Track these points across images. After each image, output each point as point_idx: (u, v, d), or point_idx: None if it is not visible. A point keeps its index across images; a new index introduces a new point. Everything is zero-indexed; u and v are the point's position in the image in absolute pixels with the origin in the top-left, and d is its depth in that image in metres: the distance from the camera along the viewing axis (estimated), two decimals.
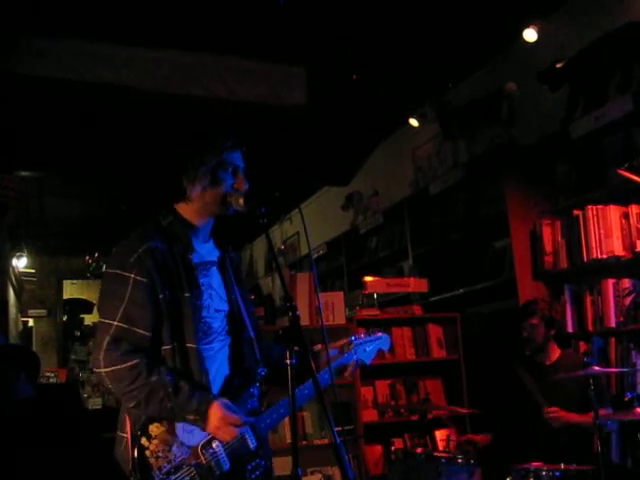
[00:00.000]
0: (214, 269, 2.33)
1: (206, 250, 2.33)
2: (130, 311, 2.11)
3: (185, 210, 2.29)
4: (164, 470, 2.04)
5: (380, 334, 2.73)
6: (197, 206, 2.28)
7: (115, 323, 2.10)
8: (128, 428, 2.12)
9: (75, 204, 8.39)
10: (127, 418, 2.13)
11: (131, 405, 2.08)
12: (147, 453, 2.04)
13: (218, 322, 2.27)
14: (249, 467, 2.18)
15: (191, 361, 2.16)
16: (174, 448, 2.07)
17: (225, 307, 2.31)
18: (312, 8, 4.50)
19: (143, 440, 2.05)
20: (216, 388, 2.21)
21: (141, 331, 2.12)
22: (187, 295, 2.18)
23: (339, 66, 5.23)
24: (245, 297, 2.42)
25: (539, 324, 3.87)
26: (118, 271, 2.14)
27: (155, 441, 2.06)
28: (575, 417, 3.56)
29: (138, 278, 2.12)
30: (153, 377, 2.07)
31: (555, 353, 3.92)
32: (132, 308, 2.11)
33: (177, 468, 2.05)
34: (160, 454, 2.05)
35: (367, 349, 2.63)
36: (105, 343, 2.08)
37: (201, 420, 2.08)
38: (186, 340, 2.16)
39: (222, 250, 2.39)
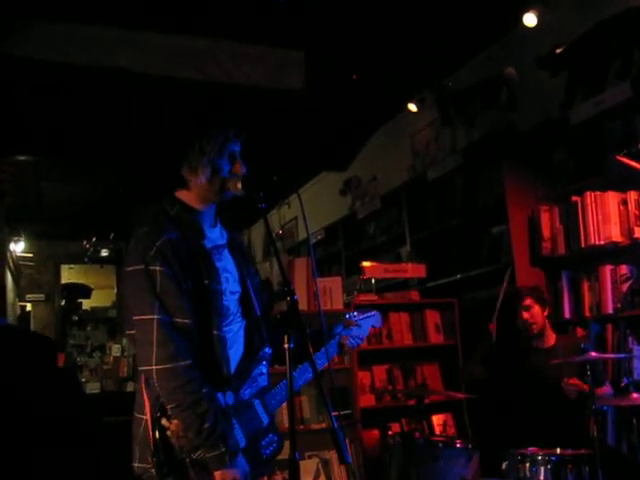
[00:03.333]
0: (226, 252, 2.34)
1: (215, 234, 2.33)
2: (165, 303, 2.09)
3: (187, 197, 2.28)
4: (185, 449, 2.04)
5: (373, 312, 2.77)
6: (197, 193, 2.28)
7: (155, 316, 2.07)
8: (147, 410, 2.10)
9: (72, 188, 8.36)
10: (147, 400, 2.11)
11: (171, 406, 2.05)
12: (168, 433, 2.04)
13: (234, 304, 2.29)
14: (263, 443, 2.23)
15: (215, 349, 2.17)
16: None
17: (238, 288, 2.33)
18: None
19: (163, 421, 2.05)
20: (232, 370, 2.23)
21: (182, 320, 2.10)
22: (207, 282, 2.18)
23: (338, 51, 5.20)
24: (252, 274, 2.43)
25: (533, 304, 3.90)
26: (142, 266, 2.11)
27: (175, 421, 2.05)
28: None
29: (163, 269, 2.10)
30: (205, 389, 2.07)
31: (551, 337, 3.94)
32: (166, 299, 2.09)
33: (197, 447, 2.05)
34: (180, 433, 2.05)
35: (362, 325, 2.69)
36: (154, 338, 2.05)
37: (230, 460, 2.06)
38: (211, 327, 2.17)
39: (229, 232, 2.40)
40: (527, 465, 3.19)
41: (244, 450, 2.14)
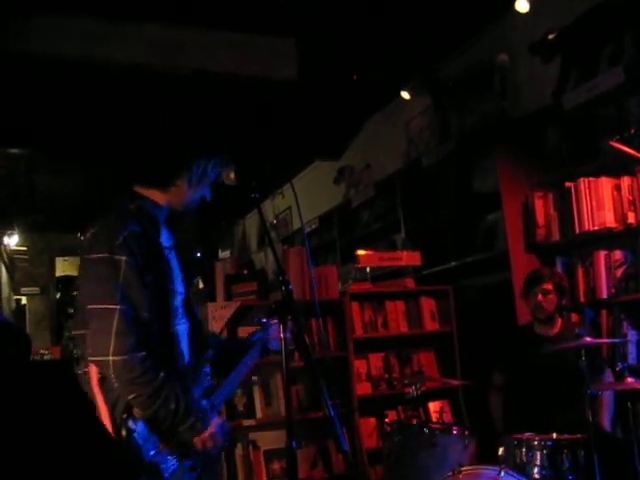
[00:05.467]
0: (172, 253, 2.33)
1: (165, 234, 2.33)
2: (128, 294, 2.07)
3: (154, 195, 2.28)
4: (151, 451, 2.05)
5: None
6: (171, 198, 2.29)
7: (117, 306, 2.04)
8: (104, 413, 2.09)
9: (65, 180, 8.33)
10: (102, 403, 2.10)
11: (131, 396, 2.04)
12: (135, 435, 2.05)
13: (180, 304, 2.29)
14: None
15: (174, 345, 2.19)
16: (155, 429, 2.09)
17: (183, 290, 2.33)
18: None
19: (130, 423, 2.05)
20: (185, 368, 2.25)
21: (143, 313, 2.10)
22: (164, 279, 2.19)
23: (330, 39, 5.18)
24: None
25: (552, 290, 3.84)
26: (107, 254, 2.08)
27: (140, 423, 2.06)
28: None
29: (129, 260, 2.08)
30: (162, 373, 2.07)
31: (557, 324, 3.93)
32: (129, 291, 2.07)
33: (162, 448, 2.08)
34: (146, 435, 2.06)
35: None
36: (114, 328, 2.03)
37: (201, 425, 2.12)
38: (168, 324, 2.18)
39: (174, 235, 2.40)
40: (523, 450, 3.21)
41: (197, 451, 2.15)
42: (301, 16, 4.90)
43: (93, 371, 2.12)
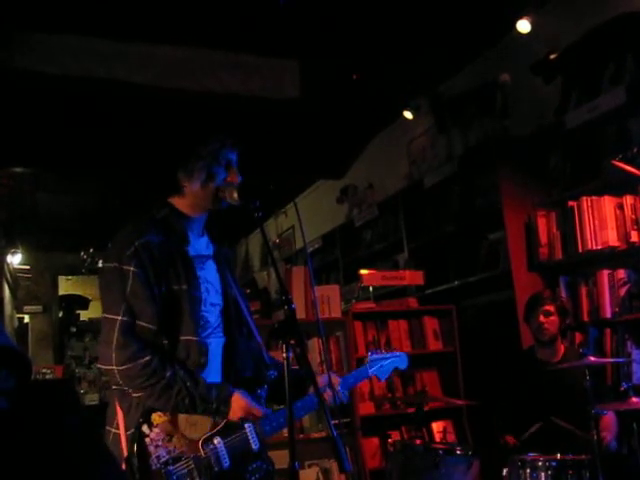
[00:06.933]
0: (210, 262, 2.34)
1: (201, 243, 2.34)
2: (133, 304, 2.11)
3: (180, 203, 2.30)
4: (162, 459, 2.03)
5: (398, 352, 2.76)
6: (191, 200, 2.29)
7: (119, 318, 2.09)
8: (119, 423, 2.11)
9: (69, 200, 8.36)
10: (119, 412, 2.12)
11: (148, 401, 2.08)
12: (147, 440, 2.04)
13: (214, 317, 2.27)
14: (250, 468, 2.20)
15: (191, 354, 2.16)
16: (174, 439, 2.08)
17: (220, 301, 2.31)
18: (305, 1, 4.49)
19: (144, 427, 2.06)
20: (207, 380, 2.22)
21: (146, 324, 2.11)
22: (185, 287, 2.18)
23: (333, 59, 5.21)
24: (243, 294, 2.43)
25: (553, 312, 3.83)
26: (116, 264, 2.13)
27: (156, 429, 2.06)
28: None
29: (137, 271, 2.11)
30: (167, 372, 2.08)
31: (561, 349, 3.90)
32: (134, 301, 2.11)
33: (175, 459, 2.05)
34: (160, 443, 2.05)
35: (383, 365, 2.67)
36: (114, 339, 2.07)
37: (224, 407, 2.11)
38: (185, 333, 2.16)
39: (217, 245, 2.40)
40: (528, 471, 3.19)
41: (227, 472, 2.11)
42: (304, 37, 4.93)
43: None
